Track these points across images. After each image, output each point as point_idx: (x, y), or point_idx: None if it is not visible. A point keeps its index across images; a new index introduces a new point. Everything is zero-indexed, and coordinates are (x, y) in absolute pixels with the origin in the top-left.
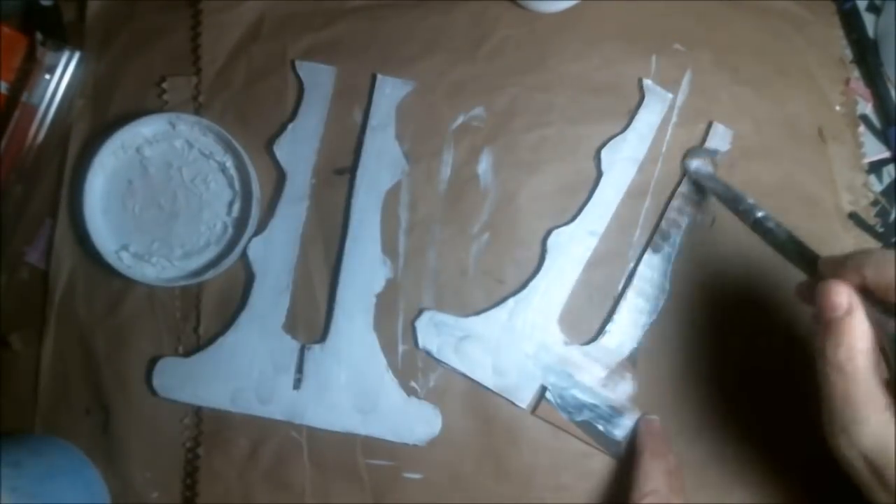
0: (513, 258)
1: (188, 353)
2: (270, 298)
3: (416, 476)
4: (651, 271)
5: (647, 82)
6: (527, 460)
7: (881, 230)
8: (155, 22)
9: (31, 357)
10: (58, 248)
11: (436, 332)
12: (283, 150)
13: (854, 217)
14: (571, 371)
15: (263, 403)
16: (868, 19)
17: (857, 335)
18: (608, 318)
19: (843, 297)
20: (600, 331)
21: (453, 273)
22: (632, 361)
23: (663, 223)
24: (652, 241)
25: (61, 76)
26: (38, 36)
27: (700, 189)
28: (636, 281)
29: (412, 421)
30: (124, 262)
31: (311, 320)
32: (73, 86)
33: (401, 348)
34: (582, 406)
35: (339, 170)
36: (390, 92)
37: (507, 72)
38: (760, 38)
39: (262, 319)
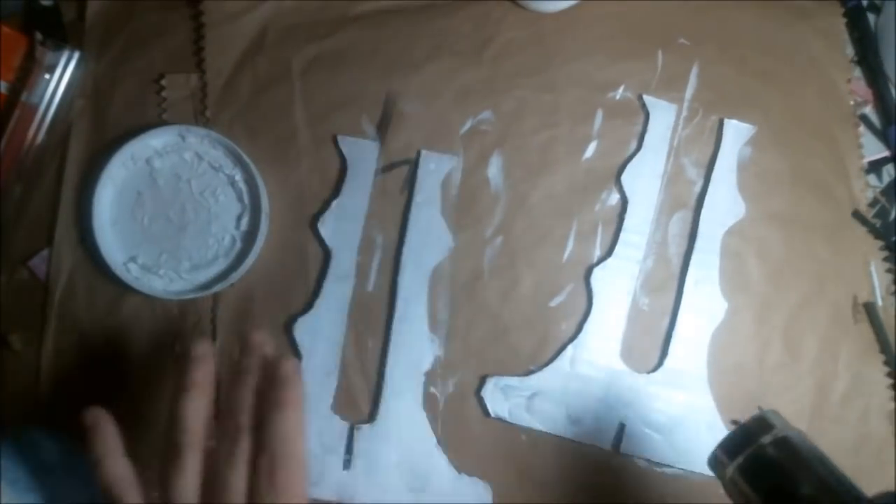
0: (527, 261)
1: None
2: (318, 379)
3: None
4: (699, 284)
5: (648, 98)
6: (551, 461)
7: (881, 230)
8: (155, 22)
9: (31, 357)
10: (58, 248)
11: (504, 397)
12: (328, 227)
13: (856, 215)
14: (645, 400)
15: (313, 485)
16: (868, 18)
17: None
18: (667, 339)
19: None
20: (663, 353)
21: (468, 277)
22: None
23: (699, 239)
24: (692, 255)
25: (61, 76)
26: (38, 36)
27: None
28: (686, 297)
29: (463, 497)
30: (132, 274)
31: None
32: (73, 86)
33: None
34: (663, 430)
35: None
36: (434, 168)
37: (514, 74)
38: (765, 29)
39: (310, 401)
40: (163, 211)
